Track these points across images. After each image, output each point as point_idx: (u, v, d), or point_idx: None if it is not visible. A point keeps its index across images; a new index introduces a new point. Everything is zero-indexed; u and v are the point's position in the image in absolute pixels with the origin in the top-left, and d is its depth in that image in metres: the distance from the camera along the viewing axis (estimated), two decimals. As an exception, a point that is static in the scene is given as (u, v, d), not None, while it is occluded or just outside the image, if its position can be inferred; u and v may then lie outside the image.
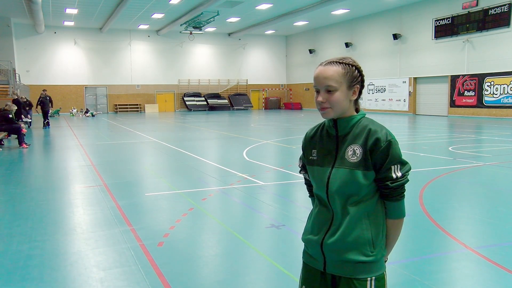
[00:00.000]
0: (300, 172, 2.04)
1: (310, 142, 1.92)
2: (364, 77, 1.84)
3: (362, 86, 1.82)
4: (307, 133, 1.97)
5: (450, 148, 11.60)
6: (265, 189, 7.06)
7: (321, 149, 1.86)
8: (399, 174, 1.74)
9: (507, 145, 12.32)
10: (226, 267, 3.97)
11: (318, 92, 1.78)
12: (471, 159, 9.73)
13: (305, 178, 2.04)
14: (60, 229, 5.11)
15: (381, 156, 1.73)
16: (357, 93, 1.80)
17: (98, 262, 4.04)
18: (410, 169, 1.78)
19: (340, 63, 1.77)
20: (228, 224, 5.22)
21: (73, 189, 7.36)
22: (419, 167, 8.70)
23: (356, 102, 1.84)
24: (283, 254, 4.23)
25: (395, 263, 3.90)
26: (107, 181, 7.69)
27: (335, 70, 1.75)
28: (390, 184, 1.74)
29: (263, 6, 27.55)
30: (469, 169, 8.59)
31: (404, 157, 1.79)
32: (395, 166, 1.74)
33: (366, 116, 1.85)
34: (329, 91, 1.75)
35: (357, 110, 1.85)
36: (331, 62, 1.77)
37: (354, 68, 1.78)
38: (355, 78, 1.78)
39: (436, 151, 11.09)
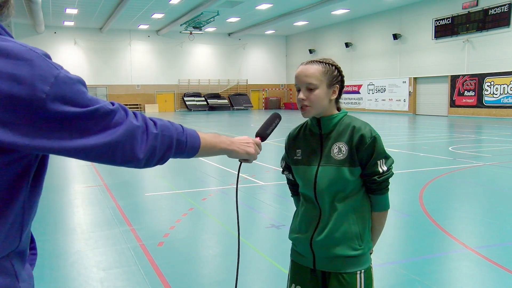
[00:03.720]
0: (283, 172, 2.06)
1: (293, 142, 1.95)
2: (344, 78, 1.88)
3: (342, 87, 1.86)
4: (290, 133, 2.00)
5: (450, 148, 11.60)
6: (265, 189, 7.06)
7: (306, 148, 1.89)
8: (385, 168, 1.80)
9: (507, 145, 12.32)
10: (226, 267, 3.97)
11: (299, 90, 1.82)
12: (471, 159, 9.73)
13: (288, 178, 2.07)
14: (60, 229, 5.12)
15: (367, 152, 1.78)
16: (337, 92, 1.84)
17: (98, 262, 4.04)
18: (393, 162, 1.85)
19: (320, 62, 1.81)
20: (228, 224, 5.23)
21: (73, 189, 7.36)
22: (419, 167, 8.70)
23: (337, 101, 1.88)
24: (283, 254, 4.23)
25: (395, 263, 3.90)
26: (107, 181, 7.69)
27: (316, 69, 1.79)
28: (377, 179, 1.79)
29: (263, 6, 27.54)
30: (469, 169, 8.59)
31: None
32: (381, 160, 1.80)
33: (348, 114, 1.89)
34: (310, 89, 1.78)
35: (338, 110, 1.89)
36: (312, 61, 1.82)
37: (334, 68, 1.82)
38: (335, 78, 1.82)
39: (436, 151, 11.09)
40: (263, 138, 1.72)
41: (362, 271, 1.81)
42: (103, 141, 1.00)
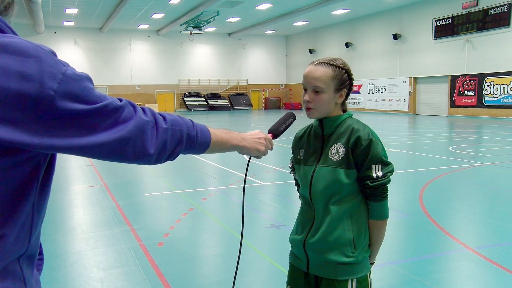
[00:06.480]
0: (290, 172, 2.05)
1: (298, 142, 1.95)
2: (353, 81, 1.84)
3: (350, 90, 1.82)
4: (296, 133, 2.00)
5: (450, 148, 11.60)
6: (265, 189, 7.06)
7: (308, 149, 1.87)
8: (380, 174, 1.72)
9: (507, 145, 12.32)
10: (226, 267, 3.97)
11: (306, 90, 1.79)
12: (471, 159, 9.73)
13: (295, 179, 2.05)
14: (60, 229, 5.11)
15: (362, 154, 1.72)
16: (344, 96, 1.80)
17: (98, 262, 4.04)
18: (392, 170, 1.76)
19: (330, 64, 1.76)
20: (228, 224, 5.23)
21: (73, 189, 7.36)
22: (419, 167, 8.70)
23: (343, 103, 1.85)
24: (283, 254, 4.21)
25: (395, 263, 3.90)
26: (107, 181, 7.69)
27: (325, 72, 1.74)
28: (370, 183, 1.72)
29: (263, 6, 27.54)
30: (469, 169, 8.59)
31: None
32: (376, 165, 1.73)
33: (352, 116, 1.86)
34: (317, 91, 1.75)
35: (344, 111, 1.86)
36: (321, 63, 1.77)
37: (344, 71, 1.77)
38: (344, 82, 1.78)
39: (436, 151, 11.08)
40: (275, 136, 1.69)
41: (355, 280, 1.75)
42: (113, 137, 0.99)
